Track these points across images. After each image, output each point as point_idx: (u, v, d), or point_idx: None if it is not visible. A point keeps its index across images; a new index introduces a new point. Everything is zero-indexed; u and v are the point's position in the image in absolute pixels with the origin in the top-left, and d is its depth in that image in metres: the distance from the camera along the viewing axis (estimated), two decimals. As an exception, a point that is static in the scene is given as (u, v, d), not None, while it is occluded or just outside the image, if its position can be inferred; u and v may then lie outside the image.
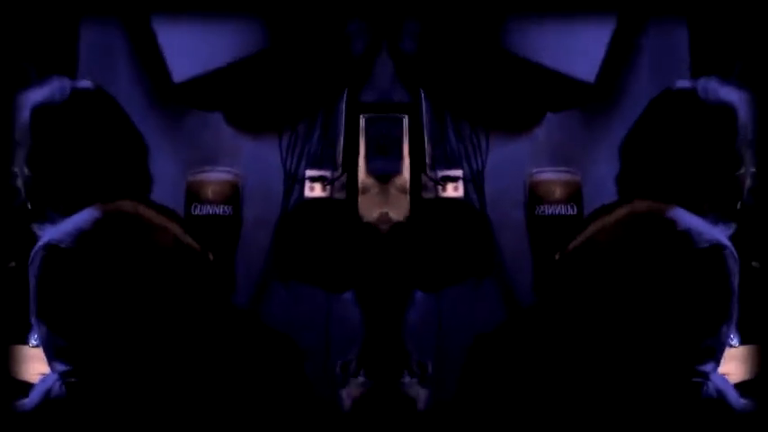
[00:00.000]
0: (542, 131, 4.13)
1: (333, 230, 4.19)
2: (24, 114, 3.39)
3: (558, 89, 3.98)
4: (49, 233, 3.09)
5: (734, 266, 2.97)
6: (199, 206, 4.00)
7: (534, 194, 4.06)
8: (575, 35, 3.94)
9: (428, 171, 4.06)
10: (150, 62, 4.15)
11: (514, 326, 3.28)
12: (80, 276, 3.00)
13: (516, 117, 4.14)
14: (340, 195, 4.20)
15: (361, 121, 4.16)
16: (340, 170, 4.19)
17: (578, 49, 3.94)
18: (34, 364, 3.41)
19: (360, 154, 4.12)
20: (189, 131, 4.07)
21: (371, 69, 4.14)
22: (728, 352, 3.19)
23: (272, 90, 4.18)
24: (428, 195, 4.09)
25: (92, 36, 4.24)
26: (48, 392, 3.07)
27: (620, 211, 3.03)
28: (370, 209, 4.13)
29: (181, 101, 4.13)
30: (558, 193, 4.00)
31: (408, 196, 4.00)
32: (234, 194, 4.13)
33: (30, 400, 3.09)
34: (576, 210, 3.97)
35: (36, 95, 3.40)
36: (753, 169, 3.26)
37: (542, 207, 4.03)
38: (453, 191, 4.08)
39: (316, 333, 4.07)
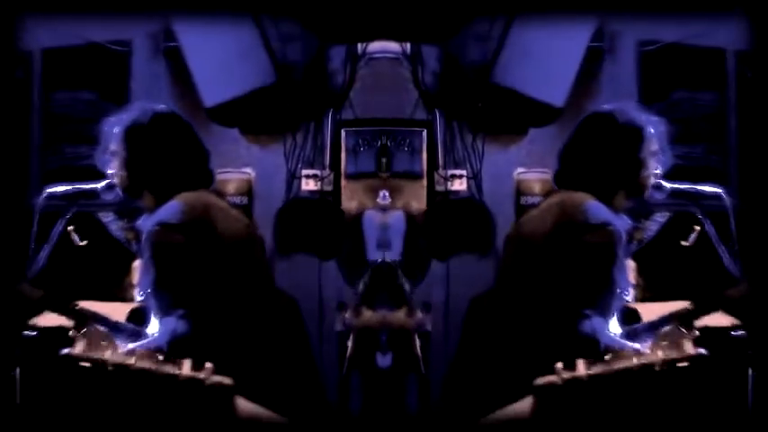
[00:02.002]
0: (526, 142, 4.75)
1: (322, 214, 4.68)
2: (119, 131, 3.81)
3: (536, 111, 4.55)
4: (156, 216, 3.66)
5: (618, 240, 3.52)
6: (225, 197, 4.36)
7: (520, 189, 4.68)
8: (549, 73, 4.53)
9: (440, 170, 4.66)
10: (186, 91, 4.66)
11: (497, 287, 3.80)
12: (184, 244, 3.60)
13: (507, 131, 4.72)
14: (328, 188, 4.68)
15: (343, 134, 4.63)
16: (328, 170, 4.71)
17: (552, 83, 4.54)
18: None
19: (342, 158, 4.67)
20: (214, 142, 4.23)
21: (348, 96, 4.67)
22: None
23: (276, 111, 4.67)
24: (440, 188, 4.67)
25: (141, 68, 4.80)
26: (173, 331, 3.54)
27: (550, 200, 3.71)
28: (350, 198, 4.67)
29: (210, 119, 4.57)
30: (537, 188, 4.61)
31: (426, 189, 4.61)
32: (248, 188, 4.65)
33: (158, 340, 3.54)
34: (549, 200, 4.42)
35: (127, 117, 3.83)
36: (657, 171, 3.73)
37: (525, 198, 4.65)
38: (459, 185, 4.68)
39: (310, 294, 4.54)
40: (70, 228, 4.18)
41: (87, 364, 3.26)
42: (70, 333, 3.38)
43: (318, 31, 4.55)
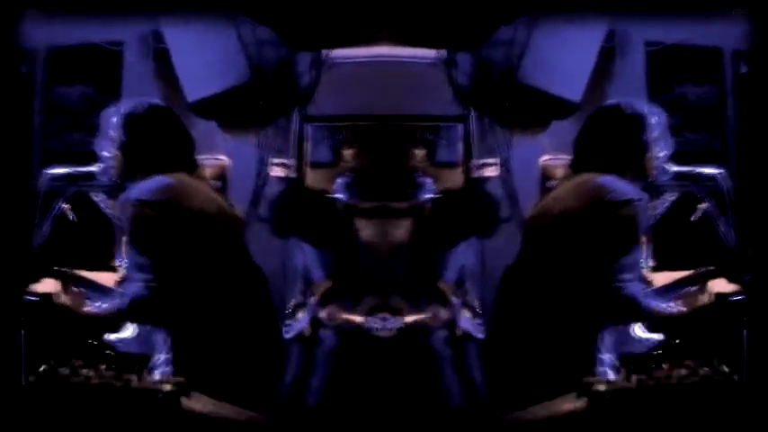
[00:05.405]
0: (549, 132, 4.95)
1: (288, 196, 4.82)
2: (118, 120, 4.12)
3: (557, 106, 4.79)
4: (135, 191, 3.91)
5: (642, 213, 3.79)
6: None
7: (544, 173, 4.86)
8: (567, 72, 4.77)
9: (474, 159, 4.84)
10: (171, 87, 4.83)
11: (519, 259, 4.07)
12: (157, 218, 3.85)
13: (532, 123, 4.95)
14: (293, 174, 4.85)
15: (308, 128, 4.81)
16: (294, 158, 4.82)
17: (570, 80, 4.78)
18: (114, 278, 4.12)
19: (306, 149, 4.77)
20: (195, 132, 4.40)
21: (314, 94, 4.79)
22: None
23: (250, 107, 4.82)
24: (474, 175, 4.86)
25: (132, 66, 4.94)
26: (133, 294, 3.81)
27: (569, 182, 3.99)
28: (315, 183, 4.78)
29: (192, 112, 4.78)
30: (559, 172, 4.68)
31: (463, 174, 4.83)
32: (224, 173, 4.82)
33: (122, 301, 3.81)
34: (571, 183, 4.48)
35: (126, 107, 4.17)
36: (662, 153, 4.01)
37: (550, 182, 4.77)
38: (491, 172, 4.88)
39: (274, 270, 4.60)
40: (66, 206, 4.34)
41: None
42: (54, 291, 3.77)
43: (294, 40, 4.86)
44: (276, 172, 4.89)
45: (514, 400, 3.92)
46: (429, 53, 4.82)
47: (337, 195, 4.62)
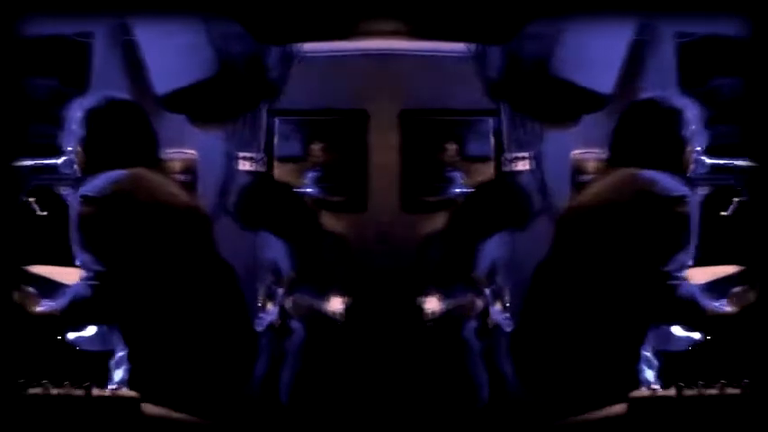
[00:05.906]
0: (580, 127, 4.89)
1: (255, 191, 4.83)
2: (79, 114, 4.14)
3: (588, 99, 4.77)
4: (84, 187, 3.93)
5: (694, 209, 3.79)
6: (170, 175, 4.55)
7: (575, 168, 4.82)
8: (600, 67, 4.77)
9: (506, 153, 4.87)
10: (141, 81, 4.78)
11: (553, 254, 4.05)
12: (98, 215, 3.86)
13: (563, 117, 4.90)
14: (261, 168, 4.87)
15: (276, 122, 4.82)
16: (262, 153, 4.84)
17: (602, 75, 4.77)
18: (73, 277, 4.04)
19: (274, 143, 4.78)
20: (164, 126, 4.49)
21: (283, 88, 4.79)
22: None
23: (219, 100, 4.80)
24: (506, 169, 4.90)
25: (101, 60, 4.83)
26: (76, 292, 3.81)
27: (615, 174, 3.92)
28: (282, 176, 4.81)
29: (162, 107, 4.75)
30: (591, 166, 4.72)
31: (494, 169, 4.87)
32: (192, 167, 4.78)
33: (64, 299, 3.85)
34: (603, 178, 4.46)
35: (87, 102, 4.18)
36: (699, 148, 4.03)
37: (581, 176, 4.75)
38: (523, 166, 4.89)
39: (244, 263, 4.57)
40: (31, 199, 4.36)
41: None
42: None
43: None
44: (244, 166, 4.89)
45: (544, 396, 3.96)
46: (448, 47, 4.87)
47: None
